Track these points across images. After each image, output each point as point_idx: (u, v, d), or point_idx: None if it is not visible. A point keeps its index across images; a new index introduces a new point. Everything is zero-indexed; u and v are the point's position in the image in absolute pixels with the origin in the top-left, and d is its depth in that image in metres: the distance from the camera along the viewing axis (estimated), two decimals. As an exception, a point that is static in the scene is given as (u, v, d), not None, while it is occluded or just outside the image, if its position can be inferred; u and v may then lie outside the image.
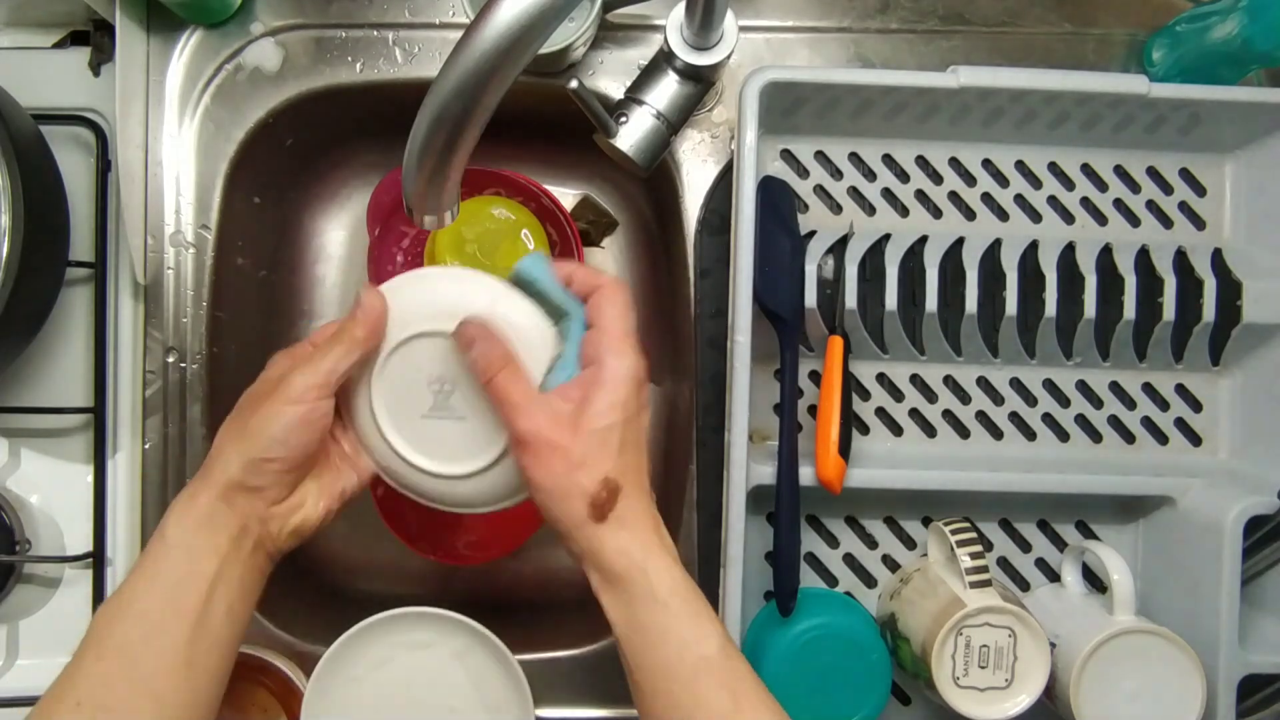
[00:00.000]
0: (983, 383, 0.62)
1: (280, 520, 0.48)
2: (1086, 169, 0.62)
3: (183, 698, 0.44)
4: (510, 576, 0.75)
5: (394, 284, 0.50)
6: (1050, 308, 0.60)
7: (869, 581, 0.62)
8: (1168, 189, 0.63)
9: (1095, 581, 0.62)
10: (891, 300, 0.59)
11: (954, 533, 0.57)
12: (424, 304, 0.49)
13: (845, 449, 0.57)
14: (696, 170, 0.65)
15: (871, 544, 0.62)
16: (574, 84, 0.54)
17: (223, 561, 0.45)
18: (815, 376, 0.61)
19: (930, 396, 0.62)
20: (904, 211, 0.62)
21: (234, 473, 0.46)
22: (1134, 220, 0.63)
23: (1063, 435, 0.63)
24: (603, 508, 0.44)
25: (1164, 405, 0.63)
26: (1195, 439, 0.63)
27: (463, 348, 0.47)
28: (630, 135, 0.59)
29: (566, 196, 0.75)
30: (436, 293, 0.49)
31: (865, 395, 0.62)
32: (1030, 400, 0.62)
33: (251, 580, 0.47)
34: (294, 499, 0.48)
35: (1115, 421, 0.63)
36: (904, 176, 0.62)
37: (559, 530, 0.45)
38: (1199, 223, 0.63)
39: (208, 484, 0.46)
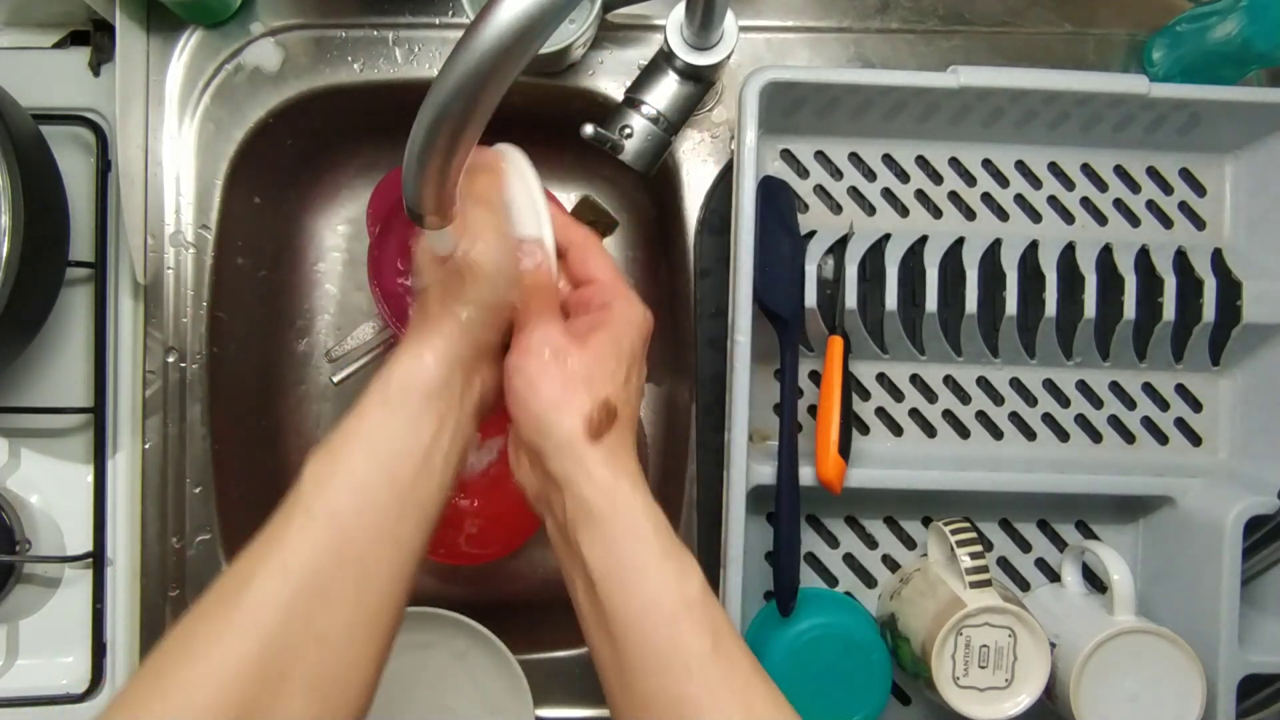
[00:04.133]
0: (983, 383, 0.62)
1: (496, 378, 0.46)
2: (1086, 169, 0.62)
3: (386, 574, 0.41)
4: (510, 576, 0.75)
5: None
6: (1050, 308, 0.60)
7: (869, 581, 0.62)
8: (1168, 189, 0.63)
9: (1095, 581, 0.62)
10: (891, 300, 0.59)
11: (954, 533, 0.57)
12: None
13: (845, 449, 0.57)
14: (696, 170, 0.65)
15: (871, 544, 0.62)
16: (589, 129, 0.56)
17: (440, 425, 0.42)
18: (815, 376, 0.61)
19: (930, 396, 0.62)
20: (904, 211, 0.62)
21: (482, 314, 0.43)
22: (1134, 220, 0.63)
23: (1063, 435, 0.63)
24: (598, 428, 0.42)
25: (1164, 405, 0.63)
26: (1195, 439, 0.63)
27: (525, 261, 0.45)
28: (631, 146, 0.59)
29: (566, 197, 0.75)
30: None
31: (865, 395, 0.62)
32: (1030, 400, 0.62)
33: (465, 440, 0.45)
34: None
35: (1115, 421, 0.63)
36: (904, 176, 0.62)
37: (543, 449, 0.43)
38: (1199, 223, 0.63)
39: (440, 339, 0.43)
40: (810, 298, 0.59)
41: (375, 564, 0.41)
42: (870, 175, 0.62)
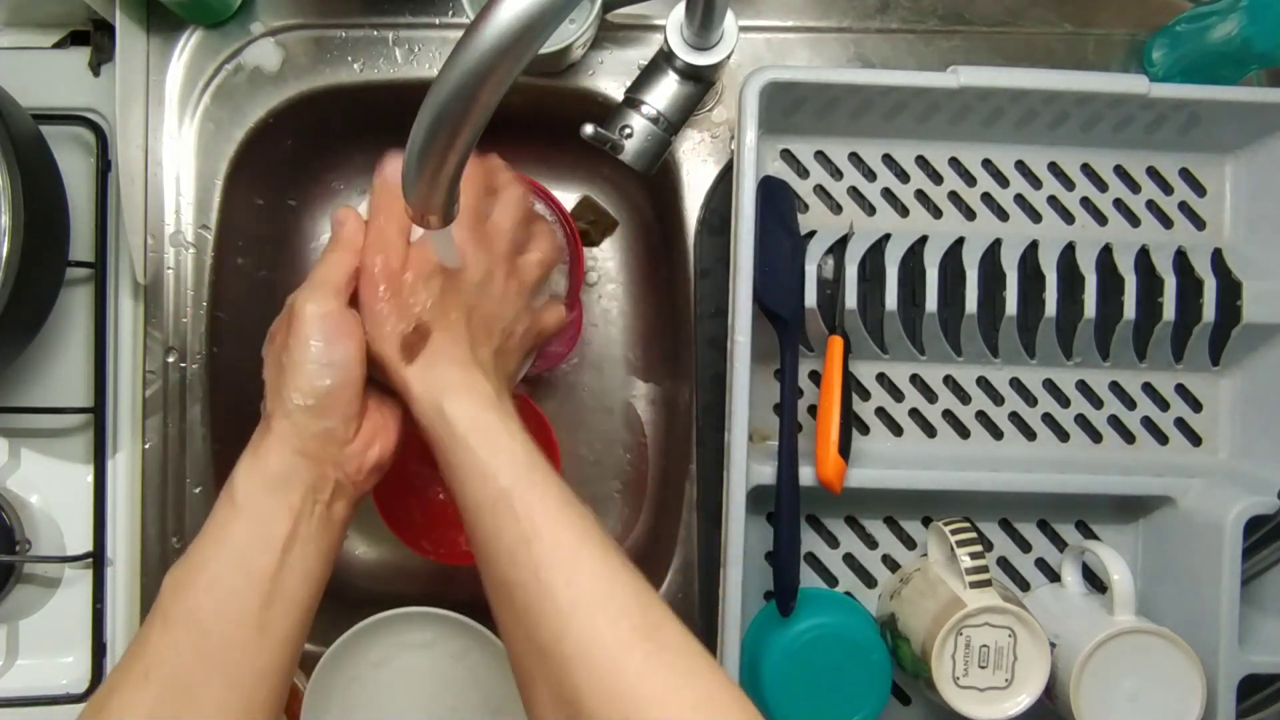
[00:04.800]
0: (983, 383, 0.62)
1: (357, 459, 0.47)
2: (1086, 169, 0.62)
3: (256, 665, 0.43)
4: (510, 576, 0.75)
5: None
6: (1050, 308, 0.60)
7: (869, 581, 0.62)
8: (1168, 189, 0.63)
9: (1095, 581, 0.62)
10: (891, 300, 0.59)
11: (954, 533, 0.57)
12: None
13: (845, 449, 0.57)
14: (696, 170, 0.65)
15: (871, 544, 0.62)
16: (589, 129, 0.56)
17: (296, 520, 0.44)
18: (815, 376, 0.61)
19: (930, 396, 0.62)
20: (904, 211, 0.62)
21: (299, 418, 0.45)
22: (1134, 220, 0.63)
23: (1063, 435, 0.63)
24: (411, 349, 0.46)
25: (1164, 405, 0.63)
26: (1195, 439, 0.63)
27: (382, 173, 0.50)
28: (631, 146, 0.59)
29: (566, 196, 0.75)
30: None
31: (865, 395, 0.62)
32: (1030, 400, 0.62)
33: (330, 535, 0.46)
34: (365, 433, 0.48)
35: (1115, 421, 0.63)
36: (904, 176, 0.62)
37: (383, 373, 0.47)
38: (1199, 223, 0.63)
39: (274, 438, 0.45)
40: (810, 298, 0.59)
41: (242, 654, 0.42)
42: (870, 175, 0.62)
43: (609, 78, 0.65)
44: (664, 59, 0.59)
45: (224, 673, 0.42)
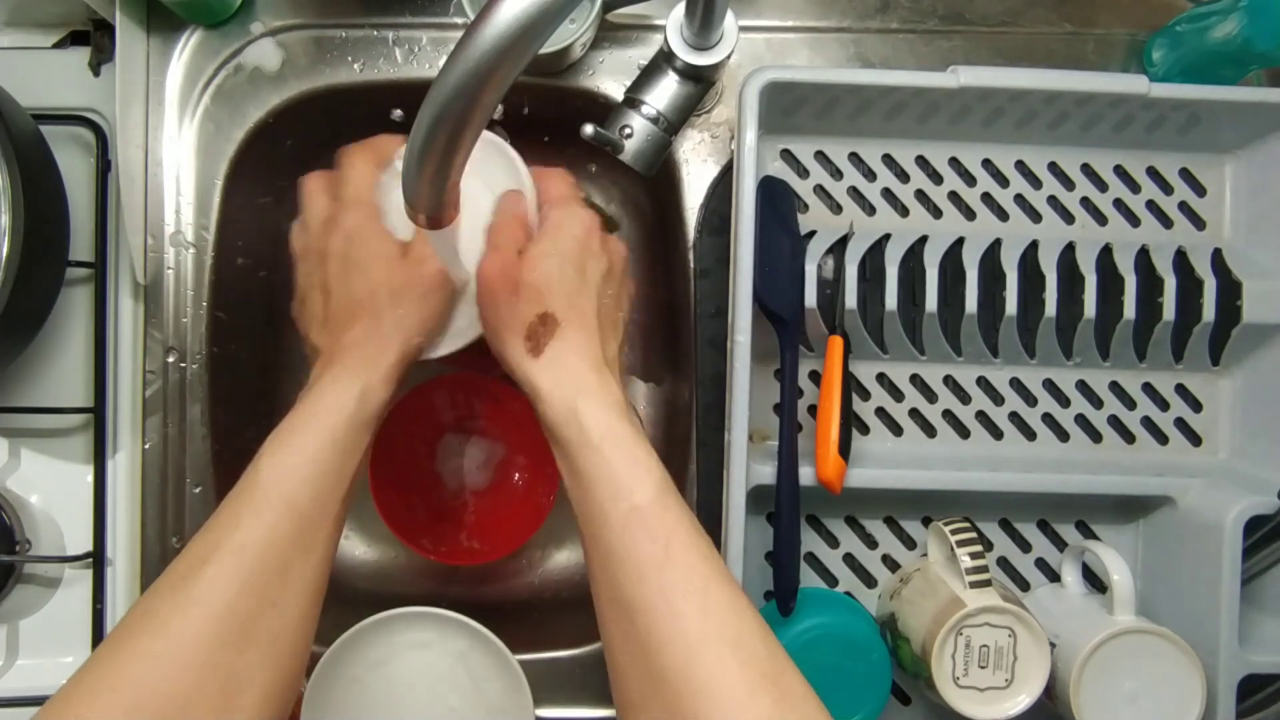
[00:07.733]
0: (983, 383, 0.62)
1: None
2: (1086, 169, 0.63)
3: (329, 552, 0.45)
4: (510, 576, 0.75)
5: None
6: (1050, 308, 0.60)
7: (869, 581, 0.62)
8: (1168, 189, 0.63)
9: (1095, 581, 0.62)
10: (891, 300, 0.59)
11: (954, 533, 0.57)
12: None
13: (845, 449, 0.57)
14: (696, 170, 0.65)
15: (871, 544, 0.62)
16: (589, 129, 0.56)
17: (372, 422, 0.47)
18: (815, 376, 0.61)
19: (930, 396, 0.62)
20: (904, 211, 0.62)
21: (390, 330, 0.47)
22: (1134, 220, 0.63)
23: (1063, 435, 0.63)
24: (538, 340, 0.45)
25: (1164, 405, 0.63)
26: (1195, 439, 0.63)
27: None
28: (631, 146, 0.59)
29: (566, 196, 0.75)
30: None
31: (865, 395, 0.62)
32: (1030, 400, 0.62)
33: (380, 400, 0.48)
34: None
35: (1115, 421, 0.63)
36: (904, 176, 0.62)
37: (508, 369, 0.46)
38: (1199, 223, 0.63)
39: (367, 365, 0.46)
40: (810, 298, 0.59)
41: (323, 541, 0.45)
42: (870, 175, 0.62)
43: (609, 78, 0.65)
44: (664, 59, 0.59)
45: (305, 552, 0.43)
